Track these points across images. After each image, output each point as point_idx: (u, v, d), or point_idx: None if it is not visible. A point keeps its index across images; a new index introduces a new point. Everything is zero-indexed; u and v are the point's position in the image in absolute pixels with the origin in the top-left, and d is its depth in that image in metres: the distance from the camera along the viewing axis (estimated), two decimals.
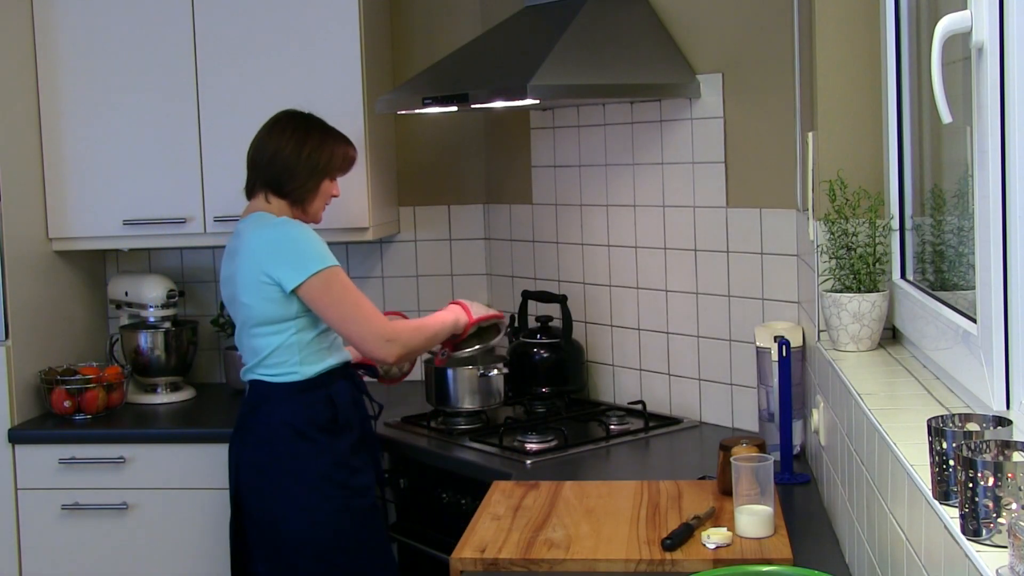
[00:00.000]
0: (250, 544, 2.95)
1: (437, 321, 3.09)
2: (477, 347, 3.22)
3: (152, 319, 3.80)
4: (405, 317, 3.24)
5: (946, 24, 1.62)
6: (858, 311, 2.29)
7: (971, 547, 1.22)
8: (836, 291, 2.34)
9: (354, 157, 3.09)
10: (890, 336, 2.43)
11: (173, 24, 3.62)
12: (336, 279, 2.86)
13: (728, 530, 2.21)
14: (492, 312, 3.26)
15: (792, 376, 2.64)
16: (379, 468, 3.05)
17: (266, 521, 2.90)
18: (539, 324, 3.49)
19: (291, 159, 2.95)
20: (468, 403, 3.31)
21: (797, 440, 2.74)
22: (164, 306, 3.79)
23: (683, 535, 2.20)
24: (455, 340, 3.17)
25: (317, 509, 2.87)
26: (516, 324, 3.59)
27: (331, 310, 2.85)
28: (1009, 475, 1.19)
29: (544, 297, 3.50)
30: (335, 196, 3.06)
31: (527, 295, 3.57)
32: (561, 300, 3.45)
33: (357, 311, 2.87)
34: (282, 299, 2.84)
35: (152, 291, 3.79)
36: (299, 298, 2.85)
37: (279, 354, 2.89)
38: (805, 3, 2.63)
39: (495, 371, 3.31)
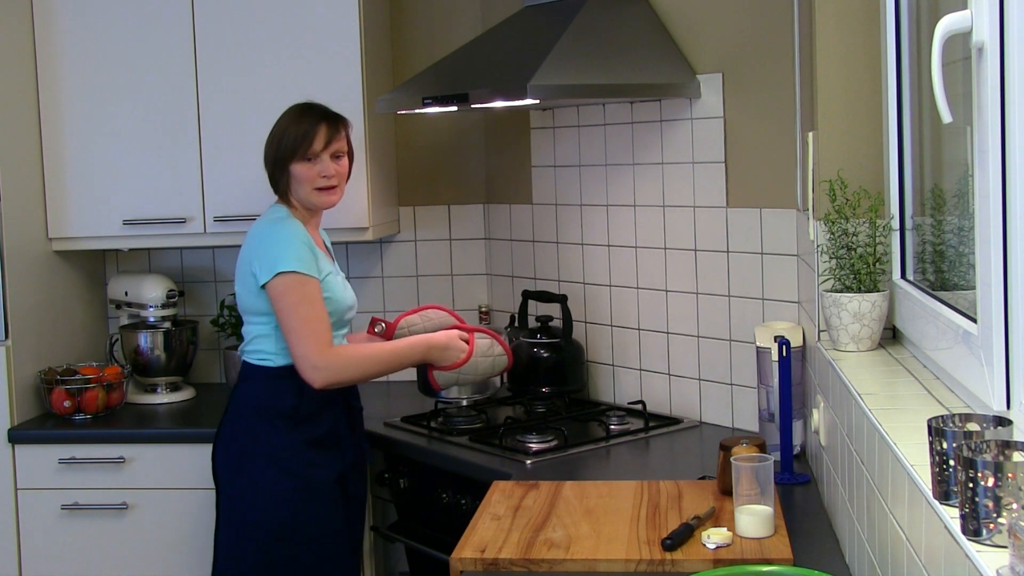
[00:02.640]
0: (217, 514, 3.00)
1: (394, 353, 3.00)
2: (470, 379, 3.15)
3: (152, 319, 3.81)
4: (386, 324, 3.16)
5: (946, 24, 1.62)
6: (858, 311, 2.29)
7: (971, 547, 1.22)
8: (836, 291, 2.34)
9: (306, 128, 2.91)
10: (890, 336, 2.43)
11: (173, 24, 3.62)
12: (296, 288, 2.82)
13: (728, 530, 2.21)
14: (498, 348, 3.16)
15: (792, 376, 2.64)
16: (346, 468, 2.97)
17: (224, 493, 2.97)
18: (539, 324, 3.49)
19: (264, 152, 2.98)
20: (456, 392, 3.26)
21: (797, 440, 2.74)
22: (164, 306, 3.80)
23: (683, 535, 2.20)
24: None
25: (263, 491, 2.88)
26: (516, 324, 3.59)
27: (281, 315, 2.84)
28: (1009, 475, 1.19)
29: (544, 297, 3.49)
30: (325, 176, 2.92)
31: (527, 295, 3.57)
32: (561, 300, 3.45)
33: (300, 327, 2.82)
34: (259, 292, 2.88)
35: (152, 291, 3.79)
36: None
37: (258, 342, 2.94)
38: (805, 3, 2.63)
39: None
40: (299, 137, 2.91)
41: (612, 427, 3.18)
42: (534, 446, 3.00)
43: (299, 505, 2.88)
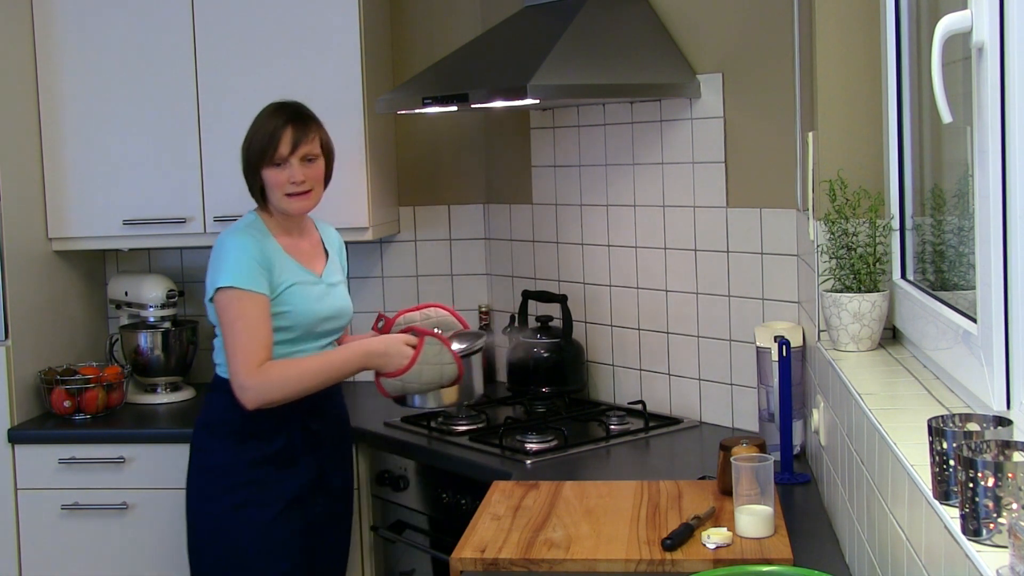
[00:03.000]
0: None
1: (330, 364, 2.81)
2: (416, 386, 2.87)
3: (152, 319, 3.81)
4: (385, 319, 2.99)
5: (946, 24, 1.62)
6: (858, 311, 2.29)
7: (971, 547, 1.22)
8: (836, 291, 2.34)
9: (271, 132, 2.79)
10: (890, 336, 2.43)
11: (173, 24, 3.62)
12: (232, 304, 2.72)
13: (728, 530, 2.21)
14: (447, 356, 2.87)
15: (792, 376, 2.64)
16: (303, 488, 2.85)
17: (186, 504, 2.94)
18: (539, 324, 3.49)
19: (241, 157, 2.88)
20: (433, 401, 2.98)
21: (797, 440, 2.74)
22: (164, 306, 3.80)
23: (683, 535, 2.20)
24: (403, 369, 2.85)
25: (207, 507, 2.84)
26: (516, 324, 3.59)
27: (221, 330, 2.77)
28: (1009, 475, 1.19)
29: (544, 297, 3.50)
30: (294, 183, 2.79)
31: (527, 295, 3.57)
32: (561, 300, 3.45)
33: (233, 344, 2.72)
34: (210, 304, 2.82)
35: (152, 291, 3.79)
36: None
37: (219, 354, 2.87)
38: (805, 3, 2.63)
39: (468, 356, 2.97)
40: (265, 142, 2.79)
41: (612, 427, 3.18)
42: (534, 446, 3.00)
43: (241, 525, 2.80)
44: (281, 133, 2.79)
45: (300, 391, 2.78)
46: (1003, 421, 1.38)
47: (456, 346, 2.91)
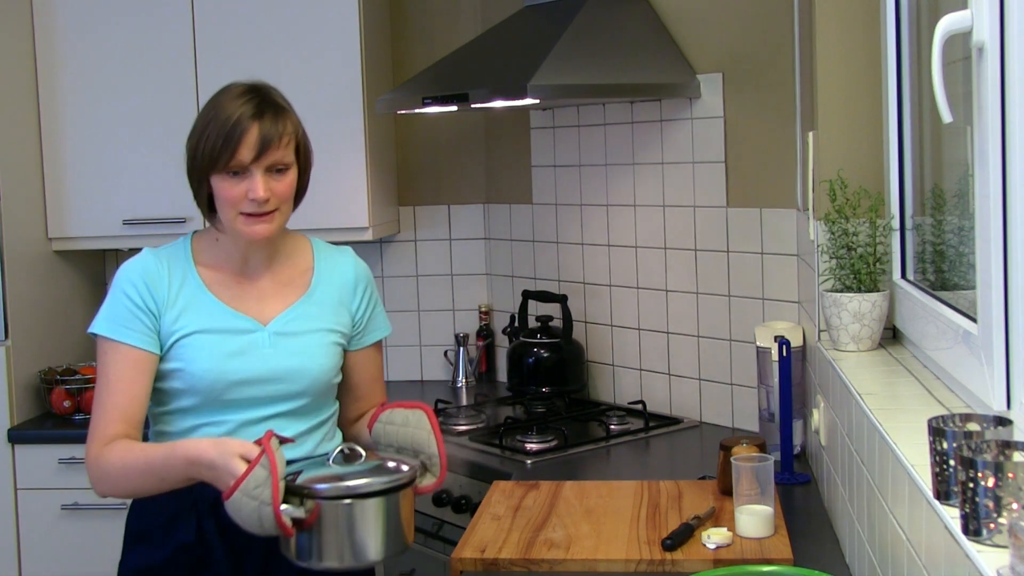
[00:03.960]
0: None
1: (155, 465, 2.02)
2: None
3: None
4: (385, 400, 2.30)
5: (946, 24, 1.62)
6: (858, 311, 2.29)
7: (972, 547, 1.22)
8: (836, 291, 2.34)
9: (230, 130, 2.03)
10: (890, 336, 2.43)
11: (173, 24, 3.62)
12: (99, 357, 2.09)
13: (728, 530, 2.21)
14: (267, 493, 1.86)
15: (792, 376, 2.64)
16: None
17: None
18: (539, 324, 3.49)
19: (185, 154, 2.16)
20: (333, 558, 1.94)
21: (797, 440, 2.74)
22: None
23: (683, 535, 2.20)
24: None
25: None
26: (516, 324, 3.59)
27: None
28: (1010, 475, 1.19)
29: (544, 297, 3.50)
30: (253, 199, 2.05)
31: (527, 295, 3.57)
32: (561, 300, 3.45)
33: (93, 406, 2.09)
34: None
35: None
36: None
37: None
38: (805, 3, 2.63)
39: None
40: (220, 141, 2.04)
41: (612, 427, 3.18)
42: (534, 446, 3.00)
43: None
44: (244, 131, 2.04)
45: (131, 489, 2.09)
46: (1003, 421, 1.38)
47: (346, 478, 1.96)
